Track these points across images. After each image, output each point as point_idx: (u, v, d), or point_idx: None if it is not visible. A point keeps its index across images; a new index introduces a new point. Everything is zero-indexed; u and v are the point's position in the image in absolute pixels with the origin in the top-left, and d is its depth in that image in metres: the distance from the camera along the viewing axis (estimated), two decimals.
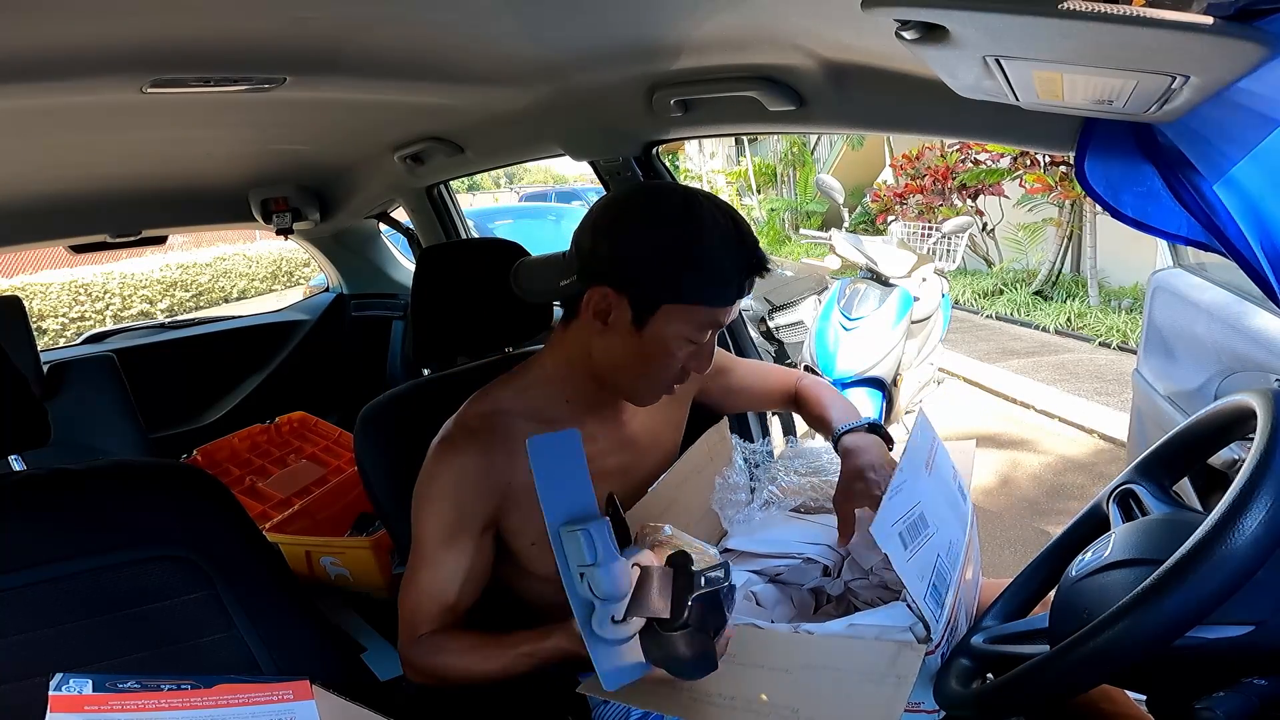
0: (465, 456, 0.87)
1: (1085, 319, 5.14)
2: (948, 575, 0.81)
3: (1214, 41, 0.44)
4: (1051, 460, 3.20)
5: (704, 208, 0.83)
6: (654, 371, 0.87)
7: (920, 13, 0.52)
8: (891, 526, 0.78)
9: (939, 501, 0.87)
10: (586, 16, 0.90)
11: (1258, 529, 0.49)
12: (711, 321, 0.84)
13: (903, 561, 0.77)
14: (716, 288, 0.82)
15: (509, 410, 0.91)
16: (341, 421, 2.38)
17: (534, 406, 0.92)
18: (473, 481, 0.86)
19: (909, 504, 0.82)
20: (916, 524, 0.81)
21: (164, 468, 0.86)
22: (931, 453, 0.92)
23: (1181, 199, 0.62)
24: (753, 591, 0.95)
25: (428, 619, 0.87)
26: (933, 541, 0.81)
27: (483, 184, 16.81)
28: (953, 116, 0.85)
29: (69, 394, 2.02)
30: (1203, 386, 1.47)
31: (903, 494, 0.81)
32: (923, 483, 0.86)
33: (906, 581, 0.77)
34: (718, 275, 0.82)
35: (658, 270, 0.81)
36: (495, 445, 0.88)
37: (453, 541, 0.86)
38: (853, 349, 2.71)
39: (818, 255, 7.06)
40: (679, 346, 0.85)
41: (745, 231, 0.84)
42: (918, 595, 0.76)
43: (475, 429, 0.89)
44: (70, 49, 0.80)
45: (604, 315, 0.84)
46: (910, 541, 0.79)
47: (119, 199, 1.93)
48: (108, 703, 0.57)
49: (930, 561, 0.80)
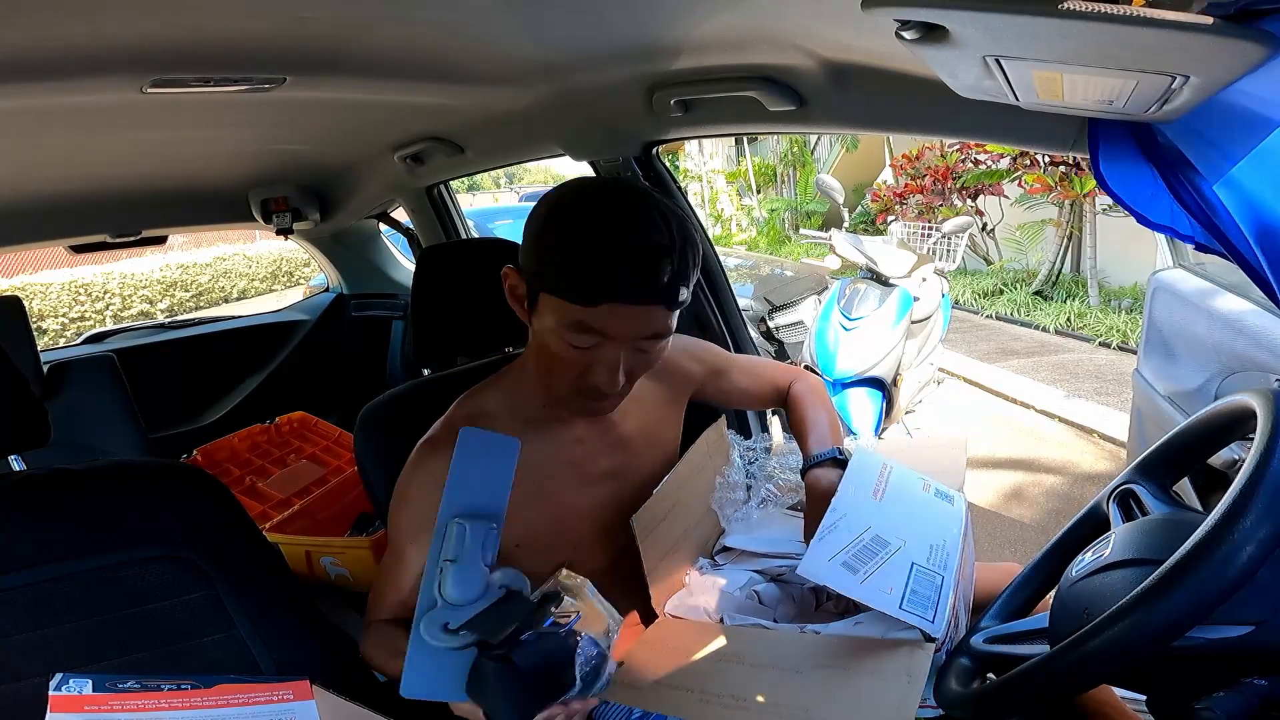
0: (444, 458, 0.86)
1: (1085, 319, 5.14)
2: (937, 575, 0.82)
3: (1214, 41, 0.44)
4: (1051, 460, 3.20)
5: (610, 205, 0.77)
6: (555, 370, 0.83)
7: (920, 13, 0.52)
8: (829, 561, 0.79)
9: (901, 519, 0.87)
10: (586, 16, 0.90)
11: (1258, 529, 0.49)
12: (580, 325, 0.77)
13: (854, 586, 0.78)
14: (577, 284, 0.75)
15: (493, 413, 0.91)
16: (341, 421, 2.38)
17: (519, 408, 0.92)
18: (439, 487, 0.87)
19: (852, 535, 0.83)
20: (868, 548, 0.82)
21: (164, 468, 0.86)
22: (882, 478, 0.93)
23: (1181, 199, 0.62)
24: (755, 590, 0.95)
25: (382, 608, 0.90)
26: (900, 555, 0.82)
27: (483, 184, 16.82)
28: (953, 116, 0.85)
29: (69, 394, 2.02)
30: (1203, 386, 1.48)
31: (838, 529, 0.83)
32: (869, 509, 0.87)
33: (868, 603, 0.77)
34: (584, 272, 0.75)
35: (534, 251, 0.79)
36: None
37: (420, 539, 0.85)
38: (853, 349, 2.71)
39: (818, 255, 7.06)
40: (557, 344, 0.80)
41: (647, 242, 0.75)
42: (888, 609, 0.76)
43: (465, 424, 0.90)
44: (70, 49, 0.80)
45: (518, 300, 0.84)
46: (862, 566, 0.80)
47: (119, 199, 1.93)
48: (108, 703, 0.57)
49: (902, 572, 0.80)
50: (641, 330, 0.79)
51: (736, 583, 0.95)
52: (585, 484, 0.94)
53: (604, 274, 0.75)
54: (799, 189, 9.91)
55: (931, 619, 0.76)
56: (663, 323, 0.80)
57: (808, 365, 2.85)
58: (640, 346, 0.81)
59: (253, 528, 0.88)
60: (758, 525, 1.04)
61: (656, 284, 0.76)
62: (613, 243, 0.75)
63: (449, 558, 0.66)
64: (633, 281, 0.75)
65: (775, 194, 10.37)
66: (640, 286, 0.76)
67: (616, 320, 0.77)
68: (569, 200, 0.79)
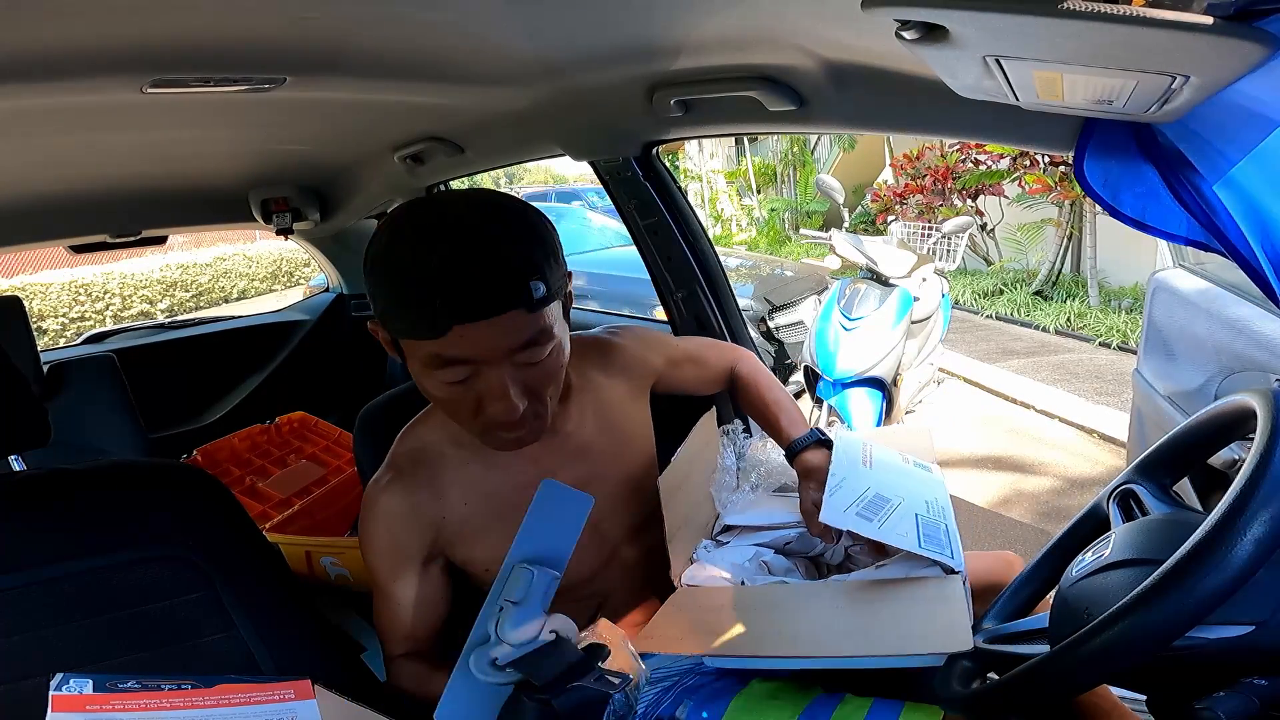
0: (393, 497, 0.88)
1: (1085, 319, 5.14)
2: (940, 522, 0.85)
3: (1214, 41, 0.44)
4: (1051, 460, 3.20)
5: (423, 224, 0.70)
6: (453, 415, 0.79)
7: (920, 13, 0.52)
8: (844, 511, 0.82)
9: (893, 482, 0.91)
10: (586, 16, 0.90)
11: (1258, 529, 0.49)
12: (439, 359, 0.71)
13: (874, 530, 0.81)
14: (415, 318, 0.69)
15: (434, 443, 0.91)
16: (341, 421, 2.38)
17: (459, 437, 0.89)
18: (402, 521, 0.88)
19: (856, 492, 0.86)
20: (874, 503, 0.85)
21: (164, 468, 0.86)
22: (865, 452, 0.97)
23: (1181, 199, 0.62)
24: (764, 561, 0.96)
25: (395, 644, 0.91)
26: (903, 508, 0.86)
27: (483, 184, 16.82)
28: (953, 116, 0.85)
29: (69, 394, 2.02)
30: (1203, 386, 1.48)
31: (844, 488, 0.86)
32: (864, 474, 0.91)
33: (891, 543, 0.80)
34: (414, 302, 0.68)
35: (374, 300, 0.73)
36: (420, 483, 0.89)
37: (397, 576, 0.88)
38: (853, 349, 2.71)
39: (818, 255, 7.07)
40: (435, 385, 0.74)
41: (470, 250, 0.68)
42: (910, 547, 0.79)
43: (402, 467, 0.90)
44: (70, 49, 0.80)
45: (395, 352, 0.78)
46: (874, 516, 0.83)
47: (119, 199, 1.93)
48: (109, 702, 0.57)
49: (910, 520, 0.83)
50: (510, 343, 0.71)
51: (744, 556, 0.96)
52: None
53: (434, 298, 0.67)
54: (799, 189, 9.91)
55: (950, 555, 0.79)
56: (532, 327, 0.71)
57: (808, 365, 2.86)
58: (521, 360, 0.73)
59: (252, 528, 0.88)
60: (751, 505, 1.06)
61: (497, 289, 0.68)
62: (432, 262, 0.67)
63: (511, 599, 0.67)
64: (468, 295, 0.67)
65: (775, 194, 10.37)
66: (479, 297, 0.68)
67: (471, 341, 0.69)
68: (385, 237, 0.71)
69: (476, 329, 0.68)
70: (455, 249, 0.68)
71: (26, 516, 0.77)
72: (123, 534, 0.79)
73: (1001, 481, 3.01)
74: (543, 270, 0.71)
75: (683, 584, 0.92)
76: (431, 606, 0.91)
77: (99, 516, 0.79)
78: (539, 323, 0.72)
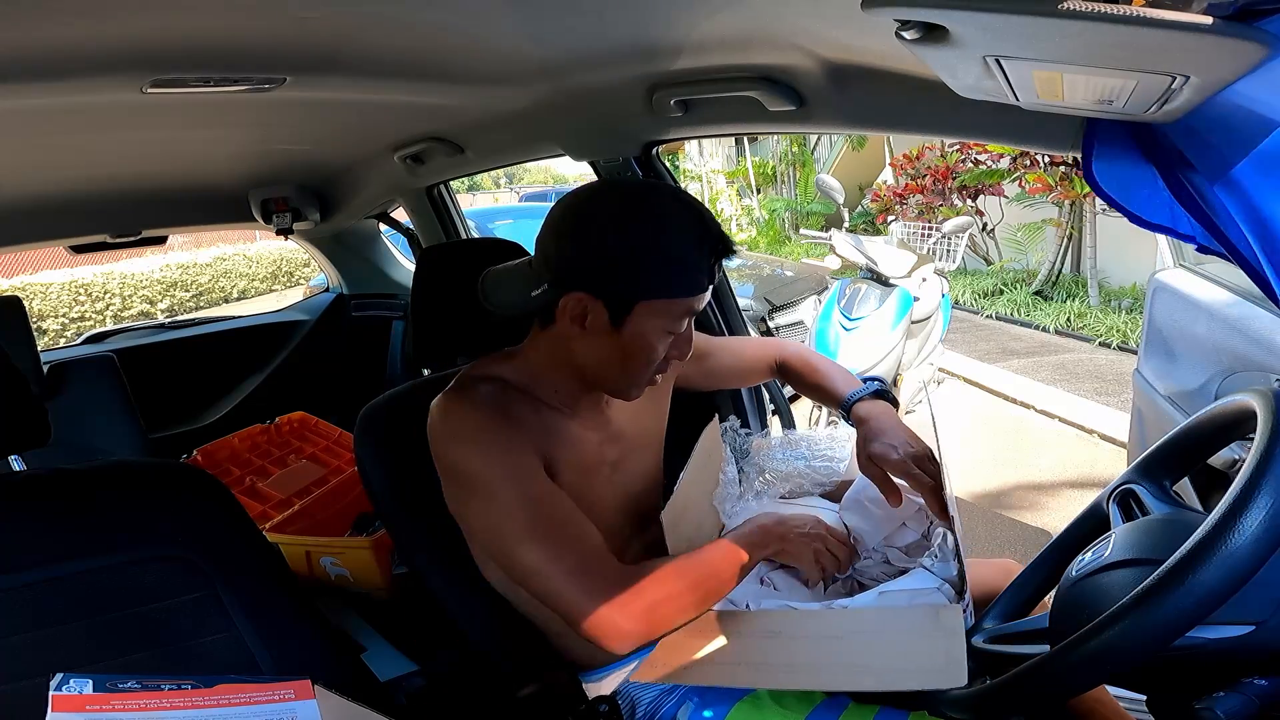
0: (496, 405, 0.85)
1: (1085, 319, 5.14)
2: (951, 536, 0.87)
3: (1214, 41, 0.44)
4: (1051, 460, 3.20)
5: (664, 201, 0.83)
6: (637, 366, 0.87)
7: (920, 13, 0.52)
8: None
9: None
10: (586, 16, 0.90)
11: (1258, 529, 0.49)
12: (686, 310, 0.85)
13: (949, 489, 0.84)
14: (687, 278, 0.82)
15: (514, 382, 0.90)
16: (341, 421, 2.37)
17: (530, 387, 0.91)
18: (514, 423, 0.85)
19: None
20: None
21: (164, 468, 0.86)
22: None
23: (1181, 199, 0.62)
24: (767, 577, 0.95)
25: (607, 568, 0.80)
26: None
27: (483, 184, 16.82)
28: (953, 116, 0.85)
29: (69, 394, 2.01)
30: (1203, 386, 1.47)
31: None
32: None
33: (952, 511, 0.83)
34: (687, 265, 0.82)
35: (629, 270, 0.81)
36: (519, 401, 0.88)
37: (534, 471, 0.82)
38: (853, 349, 2.71)
39: (818, 255, 7.06)
40: (659, 339, 0.85)
41: (708, 218, 0.85)
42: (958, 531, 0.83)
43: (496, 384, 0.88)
44: (70, 49, 0.80)
45: (581, 320, 0.84)
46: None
47: (119, 199, 1.93)
48: (109, 702, 0.57)
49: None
50: (705, 300, 0.87)
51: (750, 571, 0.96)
52: (594, 472, 0.95)
53: (702, 259, 0.82)
54: (799, 189, 9.91)
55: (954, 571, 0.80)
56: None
57: None
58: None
59: (252, 528, 0.88)
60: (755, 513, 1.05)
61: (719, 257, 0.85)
62: (697, 232, 0.82)
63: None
64: (712, 259, 0.84)
65: (775, 194, 10.36)
66: (715, 261, 0.85)
67: (703, 297, 0.85)
68: (634, 210, 0.81)
69: (713, 284, 0.85)
70: (705, 222, 0.84)
71: (26, 516, 0.77)
72: (122, 534, 0.79)
73: (1001, 481, 3.01)
74: None
75: None
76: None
77: (99, 516, 0.79)
78: None
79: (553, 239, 0.85)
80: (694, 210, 0.84)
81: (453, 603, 0.97)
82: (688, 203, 0.84)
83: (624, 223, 0.81)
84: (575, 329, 0.85)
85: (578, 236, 0.83)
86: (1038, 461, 3.20)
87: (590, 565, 0.79)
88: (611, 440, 0.97)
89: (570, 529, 0.80)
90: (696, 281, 0.83)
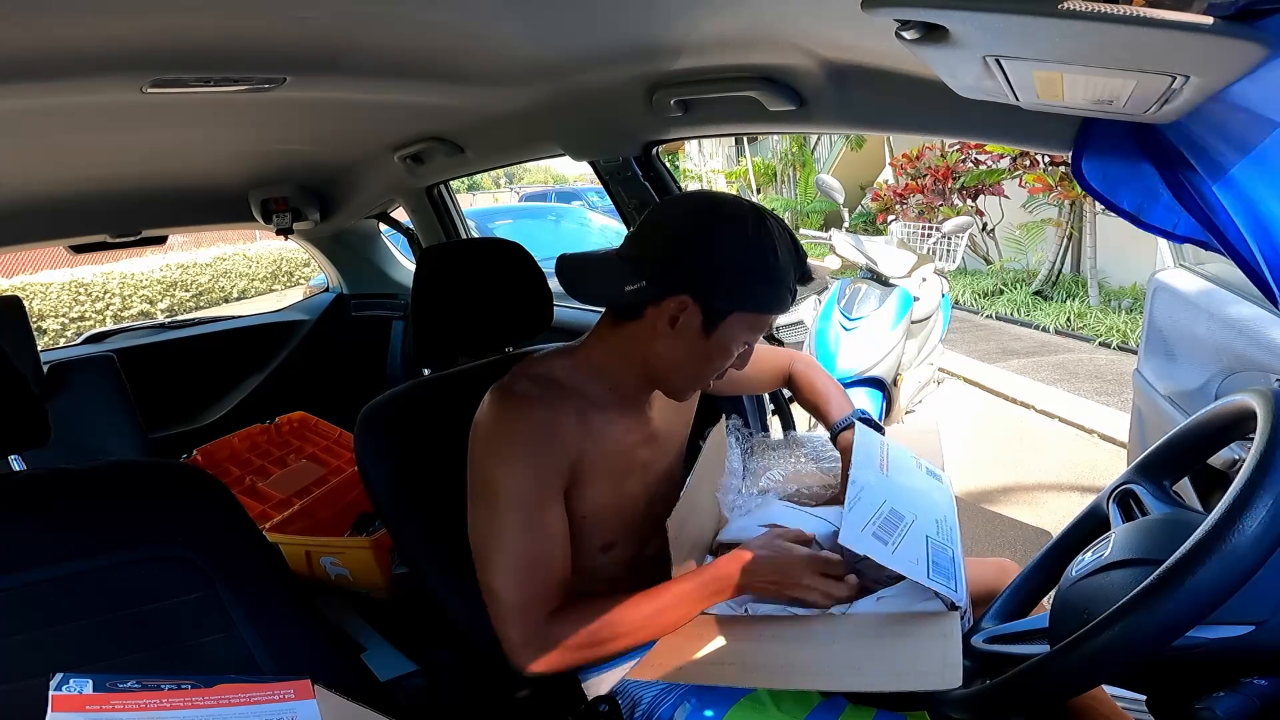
0: (541, 409, 0.85)
1: (1085, 319, 5.13)
2: (948, 548, 0.86)
3: (1214, 41, 0.44)
4: (1051, 460, 3.20)
5: (772, 223, 0.86)
6: (709, 372, 0.90)
7: (920, 13, 0.52)
8: (862, 531, 0.83)
9: (908, 493, 0.92)
10: (586, 16, 0.90)
11: (1258, 529, 0.49)
12: (767, 325, 0.91)
13: (888, 556, 0.81)
14: (782, 298, 0.87)
15: (567, 378, 0.91)
16: (341, 421, 2.38)
17: (581, 384, 0.92)
18: (556, 434, 0.85)
19: (874, 506, 0.87)
20: (889, 520, 0.86)
21: (164, 468, 0.86)
22: (883, 454, 0.99)
23: (1181, 199, 0.62)
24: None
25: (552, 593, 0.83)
26: (915, 528, 0.86)
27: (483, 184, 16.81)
28: (953, 116, 0.85)
29: (69, 394, 2.01)
30: (1203, 386, 1.47)
31: (863, 501, 0.87)
32: (882, 484, 0.92)
33: (902, 571, 0.80)
34: (784, 286, 0.86)
35: (738, 282, 0.84)
36: (563, 402, 0.88)
37: (546, 500, 0.84)
38: (853, 349, 2.71)
39: (818, 255, 7.03)
40: (738, 349, 0.89)
41: (797, 243, 0.89)
42: (919, 578, 0.80)
43: (544, 385, 0.89)
44: (70, 49, 0.80)
45: (674, 321, 0.86)
46: (889, 537, 0.84)
47: (119, 199, 1.93)
48: (109, 702, 0.57)
49: (920, 545, 0.84)
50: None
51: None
52: (629, 473, 0.96)
53: (794, 283, 0.87)
54: (799, 189, 9.91)
55: (954, 589, 0.80)
56: None
57: None
58: None
59: (252, 528, 0.88)
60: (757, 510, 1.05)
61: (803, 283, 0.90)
62: (793, 256, 0.87)
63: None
64: (803, 282, 0.89)
65: (775, 194, 10.36)
66: (801, 284, 0.89)
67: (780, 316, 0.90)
68: (749, 227, 0.84)
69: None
70: (801, 251, 0.88)
71: (26, 516, 0.77)
72: (123, 534, 0.79)
73: (1001, 481, 3.01)
74: None
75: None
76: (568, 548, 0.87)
77: (99, 516, 0.79)
78: None
79: (663, 241, 0.86)
80: (790, 236, 0.88)
81: (453, 603, 0.97)
82: (786, 227, 0.89)
83: (741, 236, 0.84)
84: (665, 328, 0.86)
85: (690, 243, 0.84)
86: (1037, 461, 3.19)
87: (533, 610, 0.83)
88: (646, 442, 0.98)
89: (540, 570, 0.84)
90: (786, 301, 0.87)
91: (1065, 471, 3.08)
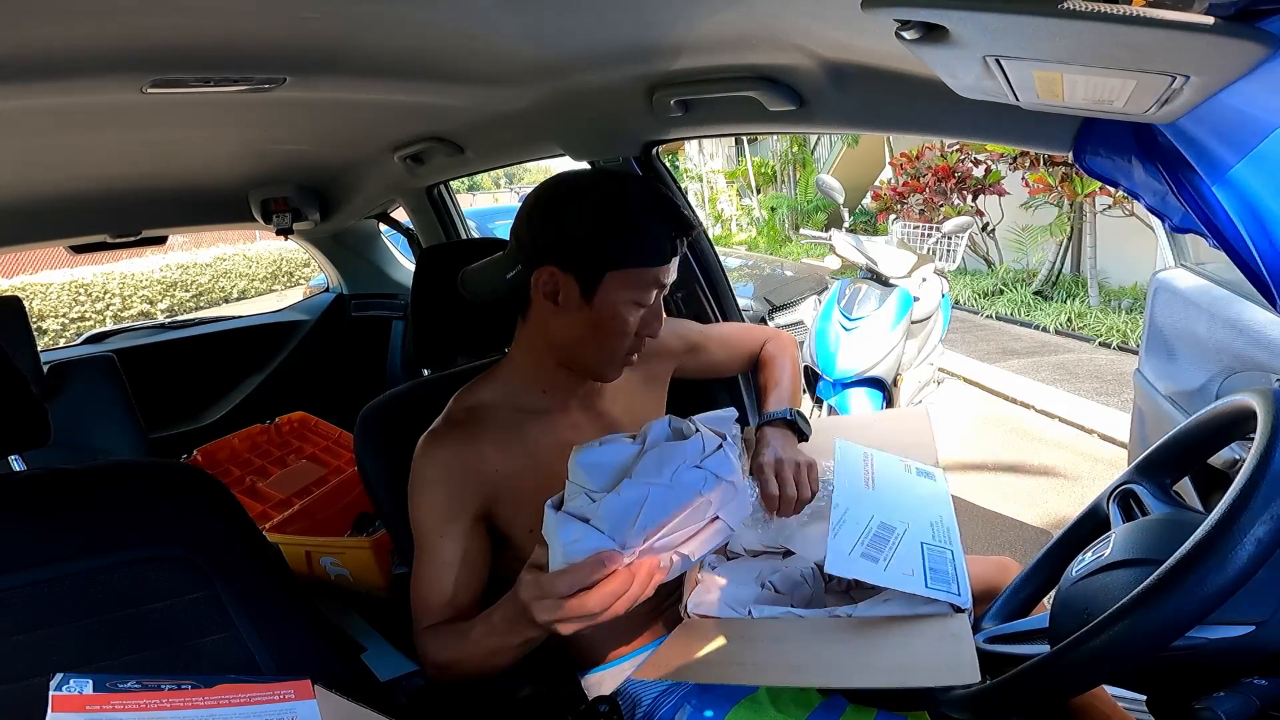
0: (451, 447, 0.90)
1: (1085, 319, 5.13)
2: (946, 550, 0.84)
3: (1214, 41, 0.44)
4: (1051, 460, 3.20)
5: (625, 180, 0.88)
6: (610, 341, 0.90)
7: (920, 13, 0.52)
8: (850, 555, 0.81)
9: (898, 503, 0.90)
10: (586, 16, 0.90)
11: (1258, 529, 0.49)
12: (653, 281, 0.88)
13: (880, 575, 0.80)
14: (650, 247, 0.86)
15: (492, 401, 0.94)
16: (341, 421, 2.38)
17: (515, 398, 0.95)
18: (460, 471, 0.88)
19: (860, 526, 0.85)
20: (879, 536, 0.84)
21: (164, 468, 0.86)
22: (867, 468, 0.96)
23: (1181, 199, 0.62)
24: (768, 580, 0.95)
25: (430, 611, 0.88)
26: (909, 536, 0.85)
27: (483, 184, 16.83)
28: (953, 116, 0.85)
29: (69, 394, 2.02)
30: (1204, 386, 1.48)
31: (847, 524, 0.85)
32: (867, 499, 0.90)
33: (897, 588, 0.79)
34: (649, 235, 0.86)
35: (596, 241, 0.85)
36: (480, 435, 0.90)
37: (446, 531, 0.88)
38: (853, 349, 2.70)
39: (818, 255, 7.06)
40: (628, 311, 0.88)
41: (670, 197, 0.89)
42: (917, 590, 0.78)
43: (460, 421, 0.92)
44: (70, 49, 0.80)
45: (553, 295, 0.87)
46: (880, 554, 0.82)
47: (119, 199, 1.93)
48: (109, 702, 0.57)
49: (915, 554, 0.83)
50: (672, 275, 0.90)
51: (750, 573, 0.96)
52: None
53: (664, 231, 0.86)
54: (799, 189, 9.90)
55: (957, 592, 0.78)
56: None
57: (808, 365, 2.85)
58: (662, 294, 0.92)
59: (252, 528, 0.88)
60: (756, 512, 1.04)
61: (690, 223, 0.89)
62: (658, 207, 0.87)
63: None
64: (674, 233, 0.87)
65: (775, 194, 10.36)
66: (677, 236, 0.88)
67: (671, 267, 0.89)
68: (598, 188, 0.86)
69: (672, 260, 0.88)
70: (666, 197, 0.88)
71: (26, 516, 0.77)
72: (123, 534, 0.79)
73: (1001, 481, 3.01)
74: None
75: (689, 613, 0.91)
76: (475, 569, 0.89)
77: (99, 516, 0.79)
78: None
79: (525, 224, 0.89)
80: (653, 188, 0.88)
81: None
82: (648, 183, 0.90)
83: (591, 199, 0.85)
84: (549, 306, 0.88)
85: (545, 216, 0.87)
86: (1037, 461, 3.20)
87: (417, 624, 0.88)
88: (604, 432, 0.96)
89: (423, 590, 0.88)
90: (659, 251, 0.86)
91: (1065, 471, 3.09)
